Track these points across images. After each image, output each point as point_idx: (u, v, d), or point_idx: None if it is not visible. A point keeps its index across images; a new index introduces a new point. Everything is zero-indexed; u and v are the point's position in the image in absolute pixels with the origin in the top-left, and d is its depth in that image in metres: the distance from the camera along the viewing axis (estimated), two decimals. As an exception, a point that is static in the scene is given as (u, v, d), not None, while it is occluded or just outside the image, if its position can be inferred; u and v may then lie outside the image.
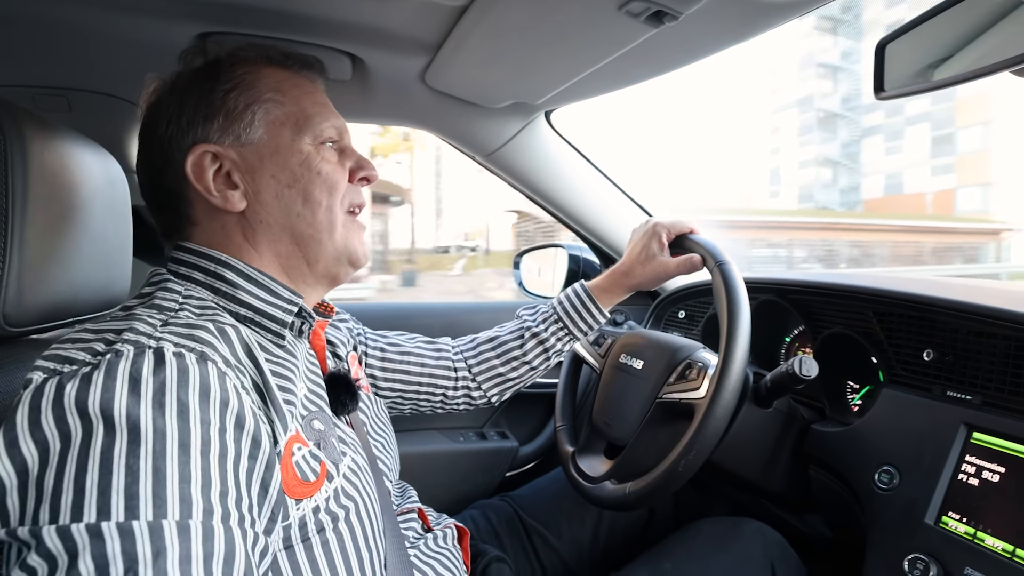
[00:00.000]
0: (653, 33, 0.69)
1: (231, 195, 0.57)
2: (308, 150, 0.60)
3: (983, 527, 0.65)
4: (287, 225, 0.59)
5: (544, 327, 0.88)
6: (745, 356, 0.70)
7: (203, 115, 0.57)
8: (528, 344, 0.88)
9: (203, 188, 0.57)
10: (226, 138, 0.58)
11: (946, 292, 0.77)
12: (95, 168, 0.65)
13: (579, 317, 0.87)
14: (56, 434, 0.38)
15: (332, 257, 0.62)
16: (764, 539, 0.84)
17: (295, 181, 0.59)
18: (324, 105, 0.64)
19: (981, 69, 0.57)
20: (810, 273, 1.03)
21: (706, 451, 0.70)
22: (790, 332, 1.11)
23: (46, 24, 0.77)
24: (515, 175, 1.25)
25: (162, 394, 0.41)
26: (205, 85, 0.58)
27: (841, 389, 0.97)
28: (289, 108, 0.60)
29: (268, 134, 0.59)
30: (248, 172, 0.58)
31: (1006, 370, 0.70)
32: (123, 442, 0.38)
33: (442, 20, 0.76)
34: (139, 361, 0.42)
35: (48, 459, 0.38)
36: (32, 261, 0.54)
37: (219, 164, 0.57)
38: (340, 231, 0.62)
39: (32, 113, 0.56)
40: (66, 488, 0.37)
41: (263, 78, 0.61)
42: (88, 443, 0.38)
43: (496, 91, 1.00)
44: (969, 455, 0.69)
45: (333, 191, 0.61)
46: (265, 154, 0.58)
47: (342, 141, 0.65)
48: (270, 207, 0.59)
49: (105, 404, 0.39)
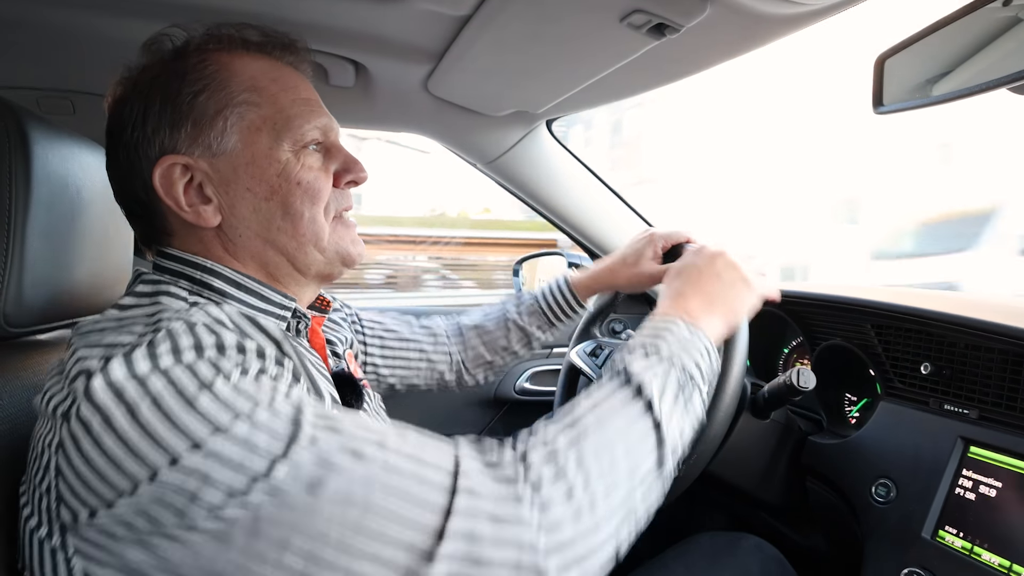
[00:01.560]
0: (654, 45, 0.70)
1: (203, 210, 0.53)
2: (287, 158, 0.55)
3: (980, 542, 0.65)
4: (268, 239, 0.55)
5: (528, 320, 0.90)
6: (743, 362, 0.70)
7: (168, 122, 0.52)
8: (512, 335, 0.90)
9: (173, 203, 0.52)
10: (196, 148, 0.53)
11: (944, 306, 0.77)
12: (98, 170, 0.65)
13: (560, 310, 0.90)
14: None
15: (323, 263, 0.59)
16: (762, 554, 0.83)
17: (273, 193, 0.54)
18: (307, 101, 0.57)
19: (979, 85, 0.57)
20: (809, 284, 1.04)
21: (703, 459, 0.70)
22: (788, 343, 1.11)
23: (50, 27, 0.77)
24: (516, 183, 1.26)
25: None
26: (171, 86, 0.53)
27: (839, 401, 0.97)
28: (266, 110, 0.54)
29: (242, 142, 0.54)
30: (222, 185, 0.53)
31: (1003, 384, 0.70)
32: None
33: (445, 29, 0.77)
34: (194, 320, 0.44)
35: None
36: (33, 261, 0.54)
37: (190, 176, 0.53)
38: (328, 238, 0.58)
39: (35, 114, 0.57)
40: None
41: (236, 74, 0.55)
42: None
43: (498, 100, 1.00)
44: (966, 469, 0.69)
45: (316, 200, 0.56)
46: (239, 164, 0.53)
47: (327, 140, 0.59)
48: (248, 221, 0.54)
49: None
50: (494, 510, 0.42)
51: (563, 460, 0.46)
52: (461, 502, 0.42)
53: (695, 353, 0.57)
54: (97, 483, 0.40)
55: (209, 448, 0.39)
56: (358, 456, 0.42)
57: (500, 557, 0.41)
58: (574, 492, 0.45)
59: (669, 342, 0.56)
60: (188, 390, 0.40)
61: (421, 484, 0.42)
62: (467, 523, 0.41)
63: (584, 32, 0.70)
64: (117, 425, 0.40)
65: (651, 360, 0.55)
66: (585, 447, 0.48)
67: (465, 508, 0.42)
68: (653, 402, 0.51)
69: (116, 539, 0.40)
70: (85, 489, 0.40)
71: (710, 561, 0.82)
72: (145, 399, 0.40)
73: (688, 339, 0.58)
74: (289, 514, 0.40)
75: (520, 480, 0.44)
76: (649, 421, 0.51)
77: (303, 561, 0.40)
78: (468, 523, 0.41)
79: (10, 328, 0.54)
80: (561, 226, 1.34)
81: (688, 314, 0.61)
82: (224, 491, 0.39)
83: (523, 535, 0.42)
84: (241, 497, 0.39)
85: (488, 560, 0.41)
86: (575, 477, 0.45)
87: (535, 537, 0.42)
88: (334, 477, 0.41)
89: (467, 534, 0.41)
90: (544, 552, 0.42)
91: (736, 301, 0.64)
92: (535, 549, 0.42)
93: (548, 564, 0.42)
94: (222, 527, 0.39)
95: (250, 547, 0.39)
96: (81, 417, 0.40)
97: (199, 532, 0.39)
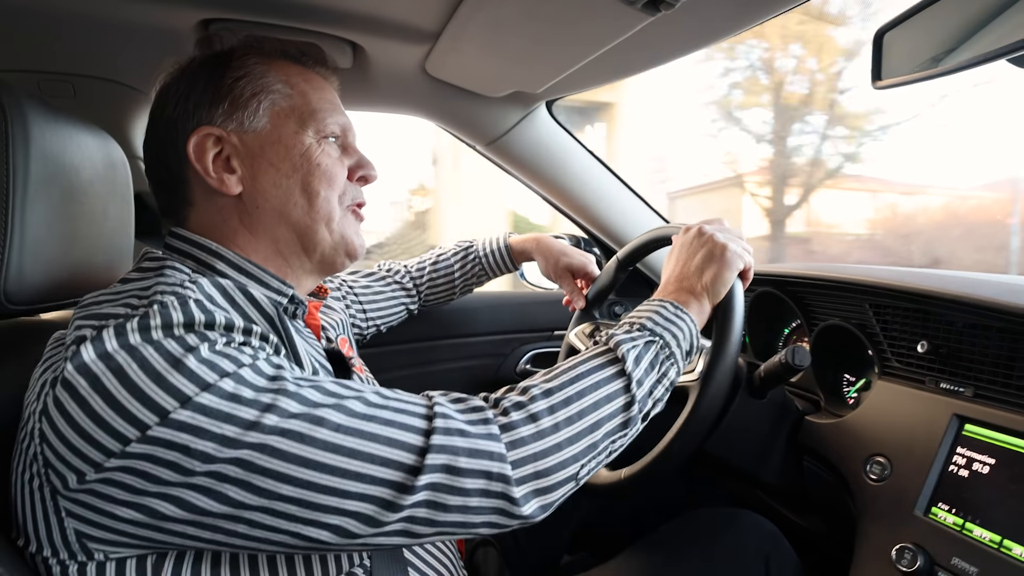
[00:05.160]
0: (650, 21, 0.69)
1: (228, 178, 0.59)
2: (310, 142, 0.61)
3: (972, 518, 0.65)
4: (284, 213, 0.60)
5: (474, 279, 1.11)
6: (738, 335, 0.70)
7: (209, 99, 0.59)
8: (458, 285, 1.11)
9: (201, 169, 0.58)
10: (229, 123, 0.59)
11: (942, 284, 0.76)
12: (97, 152, 0.66)
13: (498, 268, 1.10)
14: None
15: (329, 246, 0.63)
16: (759, 530, 0.84)
17: (295, 171, 0.60)
18: (331, 102, 0.65)
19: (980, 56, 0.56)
20: (807, 265, 1.03)
21: (700, 433, 0.71)
22: (788, 324, 1.11)
23: (51, 11, 0.78)
24: (516, 164, 1.26)
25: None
26: (215, 71, 0.60)
27: (837, 382, 0.97)
28: (296, 101, 0.62)
29: (272, 124, 0.60)
30: (247, 158, 0.59)
31: (999, 362, 0.69)
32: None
33: (441, 8, 0.76)
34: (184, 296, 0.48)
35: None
36: (34, 240, 0.55)
37: (220, 148, 0.59)
38: (337, 222, 0.63)
39: (35, 96, 0.57)
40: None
41: (274, 70, 0.62)
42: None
43: (496, 80, 1.00)
44: (960, 447, 0.69)
45: (332, 183, 0.62)
46: (267, 143, 0.60)
47: (345, 138, 0.66)
48: (268, 194, 0.60)
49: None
50: (467, 429, 0.49)
51: (532, 399, 0.54)
52: (439, 424, 0.49)
53: (675, 330, 0.64)
54: (84, 446, 0.41)
55: (197, 402, 0.42)
56: (340, 406, 0.46)
57: (474, 467, 0.48)
58: (539, 418, 0.52)
59: (654, 320, 0.63)
60: (176, 353, 0.43)
61: (403, 414, 0.48)
62: (444, 439, 0.48)
63: (579, 9, 0.69)
64: (105, 387, 0.42)
65: (634, 333, 0.62)
66: (556, 394, 0.54)
67: (443, 428, 0.48)
68: (628, 367, 0.58)
69: (107, 500, 0.42)
70: (72, 452, 0.42)
71: (708, 536, 0.83)
72: (132, 364, 0.42)
73: (671, 317, 0.65)
74: (276, 462, 0.42)
75: (489, 410, 0.52)
76: (621, 382, 0.58)
77: (294, 506, 0.43)
78: (445, 439, 0.48)
79: (11, 306, 0.55)
80: (561, 208, 1.33)
81: (675, 295, 0.68)
82: (216, 441, 0.42)
83: (493, 448, 0.49)
84: (231, 448, 0.42)
85: (463, 470, 0.47)
86: (541, 409, 0.53)
87: (503, 450, 0.49)
88: (318, 426, 0.44)
89: (444, 447, 0.47)
90: (511, 464, 0.49)
91: (711, 274, 0.69)
92: (503, 459, 0.49)
93: (514, 474, 0.49)
94: (214, 479, 0.41)
95: (240, 496, 0.42)
96: (67, 382, 0.42)
97: (192, 486, 0.41)
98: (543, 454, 0.51)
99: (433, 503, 0.46)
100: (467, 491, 0.47)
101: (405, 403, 0.50)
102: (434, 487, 0.46)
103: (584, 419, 0.54)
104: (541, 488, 0.50)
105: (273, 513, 0.43)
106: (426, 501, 0.46)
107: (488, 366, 1.32)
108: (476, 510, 0.48)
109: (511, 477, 0.48)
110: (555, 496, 0.52)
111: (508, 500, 0.48)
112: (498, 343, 1.32)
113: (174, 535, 0.44)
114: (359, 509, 0.45)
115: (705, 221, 0.74)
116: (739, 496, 1.12)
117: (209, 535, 0.44)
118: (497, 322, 1.32)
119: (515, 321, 1.34)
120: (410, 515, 0.46)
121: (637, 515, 1.08)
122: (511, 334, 1.33)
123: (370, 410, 0.47)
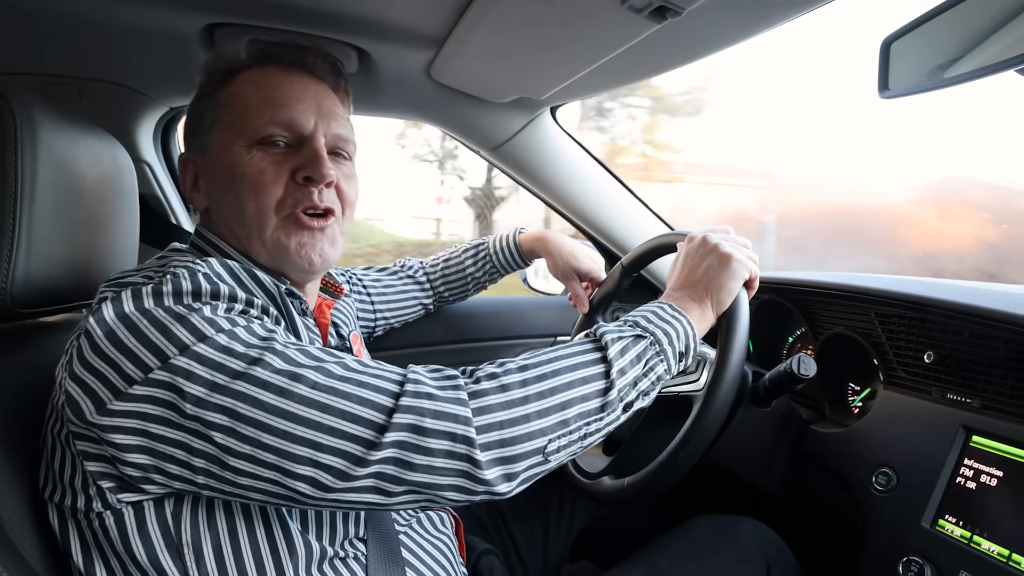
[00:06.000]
0: (657, 29, 0.69)
1: (195, 196, 0.66)
2: (238, 152, 0.61)
3: (980, 531, 0.64)
4: (230, 227, 0.64)
5: (486, 276, 1.11)
6: (743, 346, 0.69)
7: (188, 127, 0.67)
8: (470, 282, 1.11)
9: (184, 190, 0.67)
10: (194, 148, 0.66)
11: (948, 294, 0.76)
12: (103, 155, 0.66)
13: (508, 265, 1.09)
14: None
15: (266, 257, 0.63)
16: (761, 538, 0.83)
17: (230, 184, 0.61)
18: (276, 99, 0.62)
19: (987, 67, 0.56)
20: (813, 272, 1.03)
21: (703, 444, 0.70)
22: (792, 333, 1.10)
23: (58, 14, 0.78)
24: (520, 170, 1.26)
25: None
26: (197, 97, 0.66)
27: (842, 391, 0.96)
28: (235, 111, 0.62)
29: (216, 141, 0.63)
30: (205, 177, 0.65)
31: (1007, 373, 0.69)
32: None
33: (447, 14, 0.76)
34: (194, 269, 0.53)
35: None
36: (39, 243, 0.55)
37: (194, 170, 0.66)
38: (270, 232, 0.61)
39: (41, 100, 0.57)
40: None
41: (232, 84, 0.64)
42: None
43: (501, 85, 1.00)
44: (968, 458, 0.69)
45: (259, 192, 0.60)
46: (212, 160, 0.63)
47: (296, 134, 0.62)
48: (218, 209, 0.64)
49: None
50: (436, 393, 0.51)
51: (507, 371, 0.55)
52: (408, 387, 0.51)
53: (669, 329, 0.63)
54: (97, 384, 0.47)
55: (193, 351, 0.47)
56: (320, 368, 0.50)
57: (439, 428, 0.49)
58: (509, 388, 0.53)
59: (649, 319, 0.63)
60: (181, 312, 0.49)
61: (377, 379, 0.51)
62: (412, 401, 0.50)
63: (585, 15, 0.69)
64: (118, 336, 0.48)
65: (624, 329, 0.62)
66: (531, 370, 0.55)
67: (412, 391, 0.50)
68: (609, 355, 0.58)
69: (115, 439, 0.46)
70: (83, 391, 0.47)
71: (710, 544, 0.82)
72: (143, 320, 0.48)
73: (667, 317, 0.64)
74: (257, 412, 0.46)
75: (462, 379, 0.54)
76: (601, 367, 0.58)
77: (272, 455, 0.47)
78: (413, 401, 0.50)
79: (17, 309, 0.55)
80: (566, 215, 1.33)
81: (676, 299, 0.68)
82: (206, 387, 0.46)
83: (459, 411, 0.50)
84: (219, 394, 0.46)
85: (428, 429, 0.49)
86: (513, 381, 0.54)
87: (468, 414, 0.50)
88: (297, 382, 0.48)
89: (411, 408, 0.49)
90: (476, 428, 0.50)
91: (715, 283, 0.69)
92: (468, 423, 0.50)
93: (479, 438, 0.50)
94: (203, 425, 0.46)
95: (226, 442, 0.46)
96: (87, 331, 0.48)
97: (185, 428, 0.46)
98: (510, 423, 0.51)
99: (400, 460, 0.48)
100: (432, 451, 0.49)
101: (382, 370, 0.53)
102: (401, 445, 0.48)
103: (556, 396, 0.54)
104: (506, 457, 0.51)
105: (255, 461, 0.47)
106: (393, 458, 0.48)
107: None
108: (441, 471, 0.49)
109: (476, 441, 0.49)
110: (519, 467, 0.52)
111: (472, 463, 0.49)
112: (501, 348, 1.32)
113: (173, 478, 0.48)
114: (330, 462, 0.47)
115: (711, 229, 0.74)
116: (741, 504, 1.12)
117: (203, 480, 0.48)
118: (499, 327, 1.32)
119: (518, 326, 1.33)
120: (378, 471, 0.48)
121: (638, 523, 1.07)
122: (513, 340, 1.33)
123: (347, 373, 0.50)
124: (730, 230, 0.74)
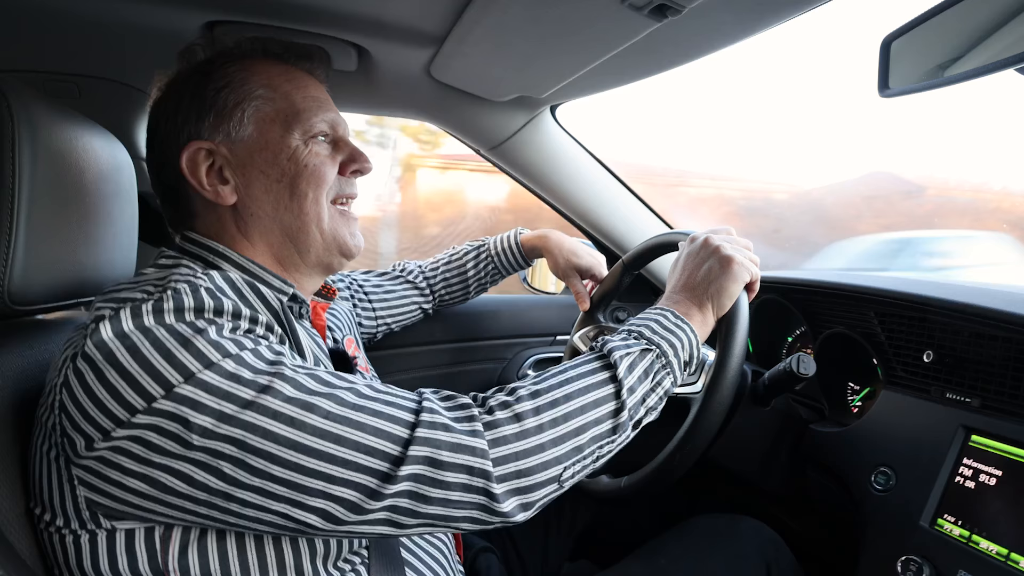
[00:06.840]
0: (657, 27, 0.69)
1: (222, 190, 0.61)
2: (296, 144, 0.61)
3: (978, 530, 0.64)
4: (276, 218, 0.62)
5: (487, 277, 1.11)
6: (742, 350, 0.69)
7: (196, 113, 0.60)
8: (471, 284, 1.12)
9: (196, 183, 0.60)
10: (217, 135, 0.60)
11: (948, 293, 0.76)
12: (102, 153, 0.66)
13: (510, 266, 1.10)
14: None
15: (322, 247, 0.64)
16: (760, 537, 0.83)
17: (283, 175, 0.61)
18: (316, 99, 0.65)
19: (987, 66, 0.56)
20: (812, 272, 1.03)
21: (702, 445, 0.70)
22: (792, 332, 1.10)
23: (57, 11, 0.78)
24: (519, 169, 1.25)
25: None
26: (199, 84, 0.61)
27: (842, 390, 0.96)
28: (279, 104, 0.62)
29: (258, 131, 0.61)
30: (239, 168, 0.61)
31: (1006, 373, 0.69)
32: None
33: (447, 12, 0.76)
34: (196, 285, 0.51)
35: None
36: (37, 240, 0.55)
37: (212, 160, 0.60)
38: (328, 222, 0.64)
39: (40, 97, 0.57)
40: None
41: (255, 74, 0.62)
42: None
43: (501, 84, 1.00)
44: (967, 458, 0.69)
45: (320, 184, 0.62)
46: (255, 150, 0.61)
47: (335, 134, 0.66)
48: (260, 201, 0.61)
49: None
50: (452, 424, 0.50)
51: (519, 399, 0.53)
52: (424, 418, 0.49)
53: (674, 339, 0.62)
54: (97, 413, 0.45)
55: (199, 379, 0.45)
56: (332, 395, 0.48)
57: (456, 461, 0.48)
58: (523, 417, 0.52)
59: (653, 328, 0.62)
60: (185, 334, 0.46)
61: (391, 407, 0.49)
62: (428, 432, 0.48)
63: (585, 13, 0.69)
64: (119, 360, 0.45)
65: (630, 341, 0.61)
66: (543, 396, 0.54)
67: (428, 422, 0.49)
68: (619, 373, 0.57)
69: (115, 468, 0.45)
70: (85, 420, 0.45)
71: (709, 542, 0.82)
72: (145, 342, 0.46)
73: (671, 327, 0.63)
74: (268, 443, 0.44)
75: (475, 408, 0.53)
76: (612, 388, 0.57)
77: (283, 488, 0.45)
78: (429, 432, 0.48)
79: (14, 306, 0.55)
80: (566, 214, 1.33)
81: (678, 305, 0.67)
82: (214, 417, 0.44)
83: (475, 443, 0.49)
84: (227, 425, 0.44)
85: (445, 463, 0.48)
86: (526, 410, 0.53)
87: (485, 446, 0.49)
88: (309, 412, 0.46)
89: (428, 440, 0.48)
90: (492, 460, 0.49)
91: (716, 286, 0.68)
92: (485, 455, 0.49)
93: (495, 471, 0.49)
94: (210, 455, 0.44)
95: (234, 474, 0.45)
96: (86, 355, 0.46)
97: (191, 459, 0.44)
98: (525, 454, 0.51)
99: (415, 493, 0.47)
100: (448, 484, 0.48)
101: (395, 397, 0.51)
102: (416, 478, 0.47)
103: (570, 422, 0.53)
104: (522, 487, 0.50)
105: (264, 493, 0.45)
106: (408, 491, 0.47)
107: (490, 371, 1.32)
108: (457, 504, 0.49)
109: (492, 474, 0.49)
110: (536, 496, 0.52)
111: (488, 496, 0.49)
112: (500, 348, 1.32)
113: (174, 508, 0.46)
114: (344, 495, 0.46)
115: (712, 230, 0.73)
116: (740, 503, 1.11)
117: (205, 511, 0.46)
118: (500, 327, 1.32)
119: (517, 326, 1.33)
120: (393, 504, 0.47)
121: (637, 523, 1.07)
122: (513, 339, 1.33)
123: (361, 401, 0.49)
124: (732, 231, 0.74)
